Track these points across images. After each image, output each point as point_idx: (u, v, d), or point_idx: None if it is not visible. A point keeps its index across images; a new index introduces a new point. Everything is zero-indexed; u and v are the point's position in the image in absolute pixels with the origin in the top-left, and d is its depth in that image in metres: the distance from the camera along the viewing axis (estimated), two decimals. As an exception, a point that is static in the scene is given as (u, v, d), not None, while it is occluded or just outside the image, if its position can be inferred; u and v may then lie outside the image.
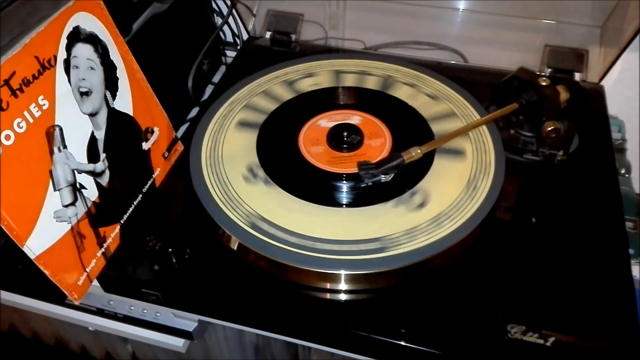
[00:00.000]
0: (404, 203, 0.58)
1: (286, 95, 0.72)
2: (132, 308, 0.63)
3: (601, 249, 0.57)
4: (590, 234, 0.59)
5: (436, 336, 0.51)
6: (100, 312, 0.65)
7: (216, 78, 0.90)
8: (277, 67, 0.77)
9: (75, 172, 0.53)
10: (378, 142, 0.65)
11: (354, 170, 0.60)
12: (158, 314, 0.63)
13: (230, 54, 0.94)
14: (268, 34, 0.87)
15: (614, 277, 0.54)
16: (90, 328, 0.70)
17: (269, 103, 0.71)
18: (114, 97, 0.58)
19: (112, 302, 0.63)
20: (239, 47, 0.92)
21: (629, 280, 0.54)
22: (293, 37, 0.87)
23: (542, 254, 0.57)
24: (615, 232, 0.58)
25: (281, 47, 0.86)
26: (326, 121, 0.68)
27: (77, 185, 0.54)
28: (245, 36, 0.90)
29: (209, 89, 0.87)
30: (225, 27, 0.93)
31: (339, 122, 0.67)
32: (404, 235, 0.55)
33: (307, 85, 0.74)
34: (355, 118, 0.68)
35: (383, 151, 0.64)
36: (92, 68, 0.55)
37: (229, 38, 0.95)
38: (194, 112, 0.81)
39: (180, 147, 0.69)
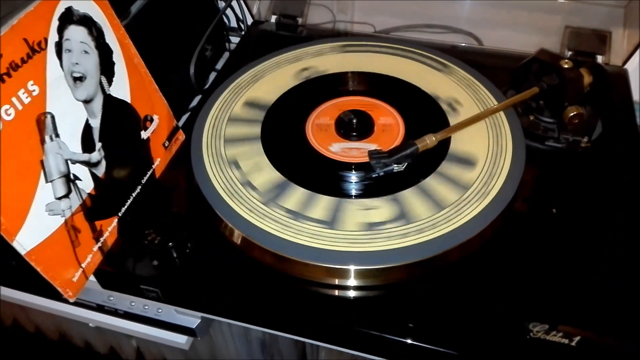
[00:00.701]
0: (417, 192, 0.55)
1: (291, 81, 0.69)
2: (133, 304, 0.61)
3: (628, 243, 0.53)
4: (616, 226, 0.55)
5: (451, 335, 0.48)
6: (100, 308, 0.62)
7: (220, 65, 0.86)
8: (282, 51, 0.73)
9: (69, 162, 0.50)
10: (390, 129, 0.62)
11: (364, 159, 0.57)
12: (160, 310, 0.61)
13: (235, 39, 0.90)
14: (273, 18, 0.84)
15: (644, 272, 0.51)
16: (90, 324, 0.68)
17: (273, 90, 0.67)
18: (110, 83, 0.55)
19: (112, 298, 0.61)
20: (243, 32, 0.89)
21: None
22: (299, 20, 0.83)
23: (565, 248, 0.53)
24: (644, 224, 0.55)
25: (287, 32, 0.83)
26: (335, 108, 0.64)
27: (71, 177, 0.51)
28: (249, 20, 0.87)
29: (212, 77, 0.84)
30: (230, 12, 0.89)
31: (349, 109, 0.64)
32: (406, 231, 0.52)
33: (313, 71, 0.70)
34: (368, 105, 0.65)
35: (396, 140, 0.61)
36: (86, 52, 0.52)
37: (234, 23, 0.92)
38: (197, 100, 0.78)
39: (181, 136, 0.66)
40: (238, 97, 0.67)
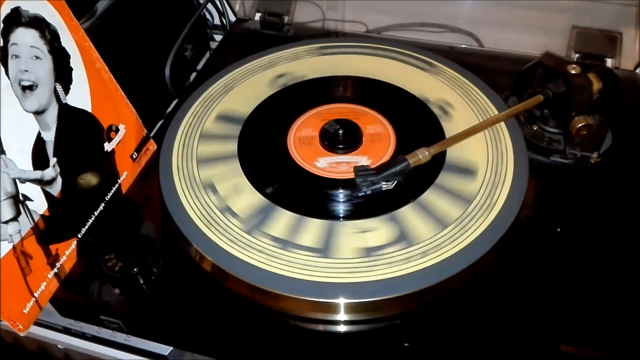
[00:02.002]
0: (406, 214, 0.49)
1: (267, 90, 0.63)
2: (101, 328, 0.56)
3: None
4: (630, 245, 0.50)
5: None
6: (67, 331, 0.57)
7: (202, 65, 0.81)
8: (265, 52, 0.68)
9: (17, 181, 0.45)
10: (379, 138, 0.56)
11: (351, 175, 0.52)
12: (129, 336, 0.56)
13: (219, 37, 0.84)
14: (258, 16, 0.78)
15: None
16: (59, 346, 0.64)
17: (247, 100, 0.62)
18: (66, 90, 0.49)
19: (78, 321, 0.55)
20: (227, 30, 0.83)
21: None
22: (286, 19, 0.77)
23: (576, 273, 0.48)
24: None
25: (272, 31, 0.77)
26: (317, 118, 0.59)
27: (20, 197, 0.45)
28: (232, 18, 0.81)
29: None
30: (213, 9, 0.84)
31: (334, 118, 0.58)
32: (408, 255, 0.46)
33: (290, 77, 0.64)
34: (353, 112, 0.59)
35: (387, 149, 0.55)
36: (37, 57, 0.46)
37: (218, 20, 0.86)
38: (174, 104, 0.72)
39: (152, 146, 0.60)
40: (209, 110, 0.61)
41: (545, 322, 0.45)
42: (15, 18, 0.44)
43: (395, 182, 0.51)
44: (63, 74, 0.49)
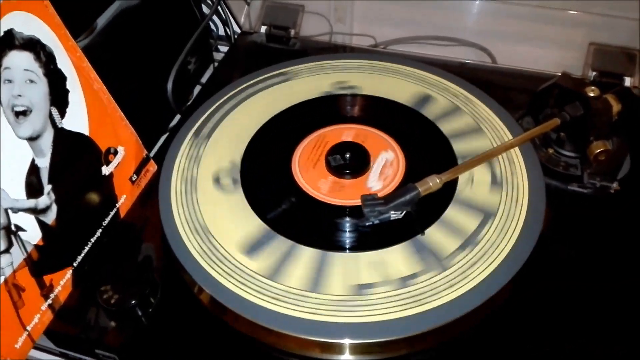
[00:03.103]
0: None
1: (281, 104, 0.61)
2: (98, 356, 0.54)
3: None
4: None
5: None
6: (64, 356, 0.55)
7: (207, 78, 0.79)
8: (271, 68, 0.65)
9: (10, 211, 0.43)
10: (388, 165, 0.54)
11: (358, 202, 0.49)
12: (128, 363, 0.54)
13: (224, 48, 0.82)
14: (263, 29, 0.76)
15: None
16: (56, 370, 0.62)
17: (257, 113, 0.60)
18: (62, 114, 0.47)
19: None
20: (231, 44, 0.81)
21: None
22: (292, 32, 0.75)
23: (597, 305, 0.46)
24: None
25: (278, 44, 0.75)
26: (327, 138, 0.57)
27: (12, 228, 0.43)
28: (237, 29, 0.78)
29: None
30: (218, 21, 0.81)
31: (341, 141, 0.56)
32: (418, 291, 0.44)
33: (307, 92, 0.62)
34: (360, 135, 0.57)
35: (395, 177, 0.53)
36: (31, 81, 0.44)
37: (222, 31, 0.84)
38: (176, 120, 0.70)
39: (152, 167, 0.58)
40: (213, 125, 0.59)
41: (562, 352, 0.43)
42: (9, 40, 0.42)
43: (404, 211, 0.48)
44: (59, 97, 0.47)
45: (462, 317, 0.43)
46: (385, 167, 0.54)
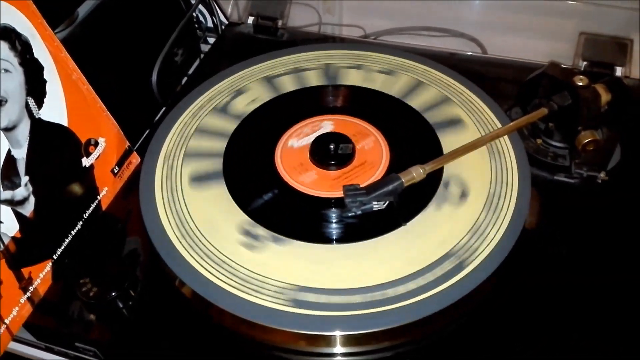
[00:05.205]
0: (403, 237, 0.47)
1: (265, 95, 0.60)
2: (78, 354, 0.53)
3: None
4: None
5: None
6: (49, 350, 0.55)
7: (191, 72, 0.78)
8: (258, 59, 0.64)
9: (-16, 203, 0.42)
10: (373, 154, 0.53)
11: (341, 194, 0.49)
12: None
13: (213, 40, 0.81)
14: (251, 19, 0.75)
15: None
16: (39, 363, 0.61)
17: (242, 106, 0.59)
18: (39, 104, 0.46)
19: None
20: (218, 35, 0.80)
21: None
22: (280, 22, 0.74)
23: (584, 296, 0.45)
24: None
25: (266, 35, 0.74)
26: (310, 130, 0.56)
27: (-12, 220, 0.43)
28: (224, 21, 0.78)
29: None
30: (206, 11, 0.80)
31: (326, 131, 0.55)
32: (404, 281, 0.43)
33: (291, 84, 0.61)
34: (345, 125, 0.56)
35: (379, 167, 0.52)
36: (6, 70, 0.44)
37: (211, 23, 0.83)
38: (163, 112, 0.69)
39: (135, 159, 0.57)
40: (198, 118, 0.58)
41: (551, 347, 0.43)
42: (-18, 29, 0.42)
43: (387, 202, 0.47)
44: (36, 87, 0.46)
45: (444, 309, 0.42)
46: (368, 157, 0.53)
